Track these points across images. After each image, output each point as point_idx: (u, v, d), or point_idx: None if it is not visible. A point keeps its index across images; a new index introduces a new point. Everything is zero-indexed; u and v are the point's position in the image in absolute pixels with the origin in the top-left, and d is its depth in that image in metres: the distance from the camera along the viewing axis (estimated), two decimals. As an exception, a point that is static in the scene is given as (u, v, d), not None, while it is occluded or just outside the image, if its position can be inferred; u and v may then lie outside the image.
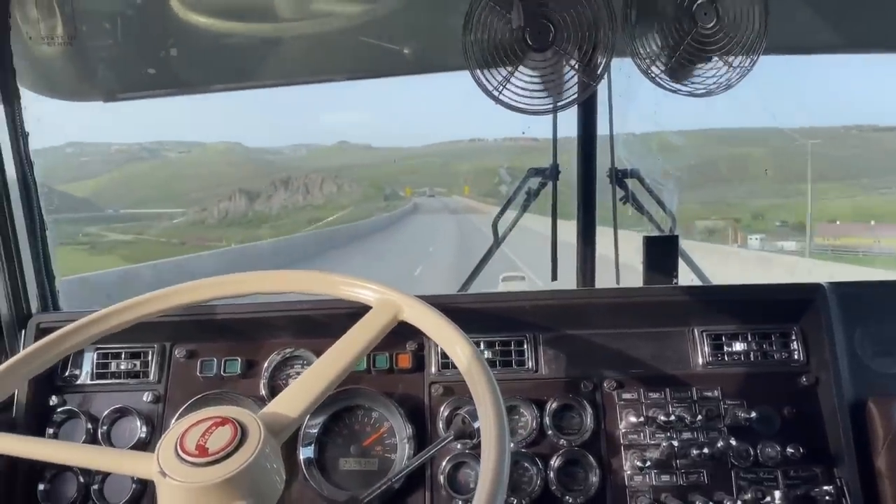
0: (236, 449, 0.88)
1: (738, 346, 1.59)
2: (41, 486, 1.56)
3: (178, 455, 0.87)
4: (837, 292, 1.57)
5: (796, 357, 1.58)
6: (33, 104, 1.77)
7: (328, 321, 1.59)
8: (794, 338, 1.59)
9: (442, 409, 1.56)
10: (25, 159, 1.73)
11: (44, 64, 1.85)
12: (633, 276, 1.86)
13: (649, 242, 1.86)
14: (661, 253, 1.85)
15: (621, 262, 2.05)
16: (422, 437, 1.54)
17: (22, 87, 1.74)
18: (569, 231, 1.99)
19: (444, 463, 1.52)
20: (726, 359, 1.58)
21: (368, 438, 1.57)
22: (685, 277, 1.91)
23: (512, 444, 1.52)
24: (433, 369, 1.60)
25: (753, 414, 1.49)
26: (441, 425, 1.54)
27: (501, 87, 1.50)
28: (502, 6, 1.43)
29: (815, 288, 1.57)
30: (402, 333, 1.20)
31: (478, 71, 1.50)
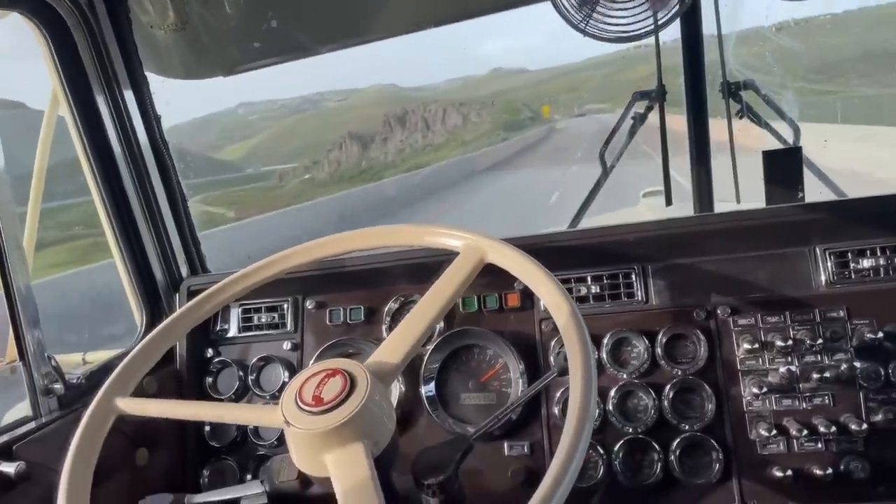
0: (348, 396, 0.97)
1: (866, 263, 1.49)
2: (206, 428, 1.80)
3: (298, 406, 0.98)
4: None
5: (935, 269, 1.46)
6: (161, 88, 1.94)
7: (439, 267, 1.66)
8: (931, 249, 1.47)
9: (552, 343, 1.61)
10: (161, 140, 1.91)
11: (165, 48, 2.01)
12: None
13: (769, 157, 1.76)
14: (784, 168, 1.74)
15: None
16: (535, 372, 1.60)
17: (148, 72, 1.90)
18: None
19: (557, 395, 1.57)
20: (853, 276, 1.49)
21: (485, 375, 1.65)
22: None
23: (625, 375, 1.54)
24: (542, 306, 1.64)
25: (883, 332, 1.41)
26: (552, 359, 1.59)
27: (587, 19, 1.46)
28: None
29: None
30: (510, 274, 1.21)
31: (561, 5, 1.47)
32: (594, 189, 1.97)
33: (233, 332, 1.88)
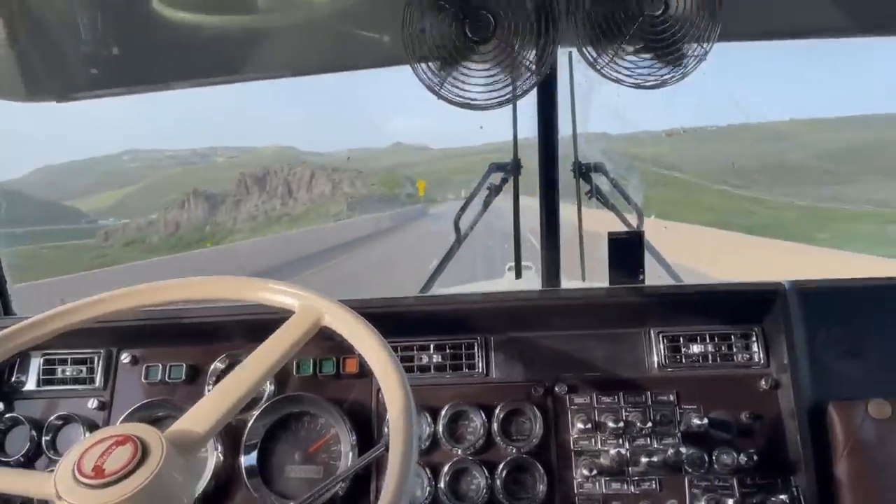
0: (135, 469, 0.84)
1: (696, 349, 1.53)
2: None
3: (74, 477, 0.83)
4: (800, 292, 1.51)
5: (756, 359, 1.51)
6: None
7: (277, 325, 1.55)
8: (754, 339, 1.53)
9: (388, 415, 1.52)
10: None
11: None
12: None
13: (614, 239, 1.80)
14: (627, 250, 1.78)
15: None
16: (367, 444, 1.50)
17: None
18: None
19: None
20: (683, 361, 1.53)
21: (314, 445, 1.53)
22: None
23: (459, 451, 1.48)
24: (380, 374, 1.55)
25: (708, 419, 1.43)
26: (386, 431, 1.50)
27: (441, 82, 1.44)
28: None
29: (776, 287, 1.50)
30: None
31: (418, 66, 1.44)
32: (447, 256, 1.94)
33: (30, 384, 1.65)
